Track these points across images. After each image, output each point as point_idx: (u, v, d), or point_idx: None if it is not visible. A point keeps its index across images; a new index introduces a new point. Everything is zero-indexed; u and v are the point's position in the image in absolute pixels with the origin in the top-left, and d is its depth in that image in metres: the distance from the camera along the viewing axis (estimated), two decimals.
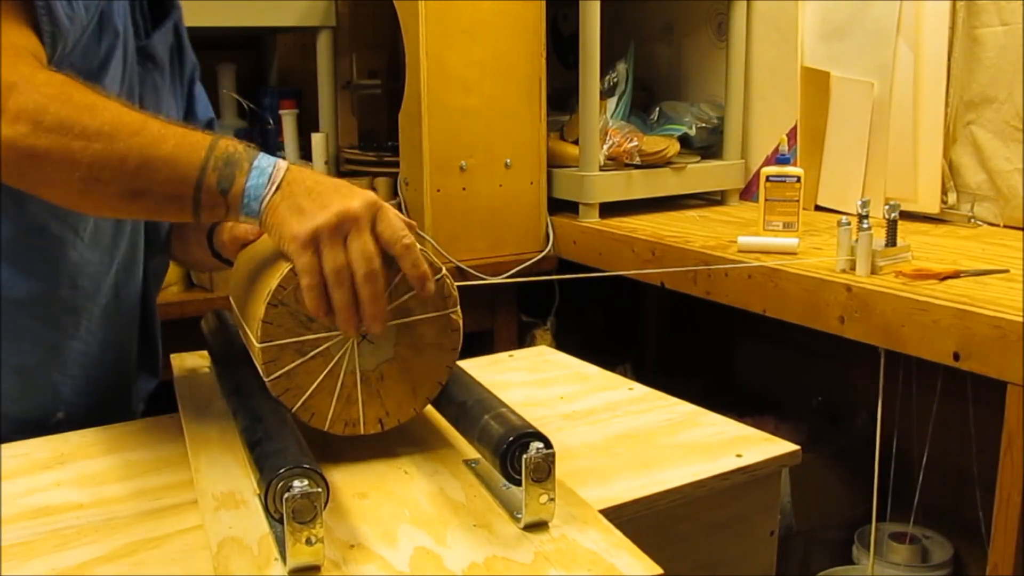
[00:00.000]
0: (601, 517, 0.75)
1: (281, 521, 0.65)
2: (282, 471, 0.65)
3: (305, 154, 2.16)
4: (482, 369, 1.09)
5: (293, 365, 0.80)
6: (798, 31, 2.16)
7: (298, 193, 0.77)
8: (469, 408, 0.81)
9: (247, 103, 2.27)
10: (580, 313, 2.46)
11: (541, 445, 0.71)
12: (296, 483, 0.64)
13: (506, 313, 2.13)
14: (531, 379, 1.13)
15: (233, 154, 0.78)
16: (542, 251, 2.11)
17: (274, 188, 0.78)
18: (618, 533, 0.72)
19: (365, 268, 0.75)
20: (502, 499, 0.77)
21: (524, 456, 0.71)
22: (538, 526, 0.72)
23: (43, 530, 0.74)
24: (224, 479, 0.79)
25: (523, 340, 2.16)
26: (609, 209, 2.10)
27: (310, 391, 0.81)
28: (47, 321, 0.98)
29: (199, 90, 1.19)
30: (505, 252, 2.07)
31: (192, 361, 1.11)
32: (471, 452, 0.85)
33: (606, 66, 2.16)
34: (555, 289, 2.22)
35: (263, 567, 0.66)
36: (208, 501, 0.75)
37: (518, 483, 0.72)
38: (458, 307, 0.84)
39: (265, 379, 0.80)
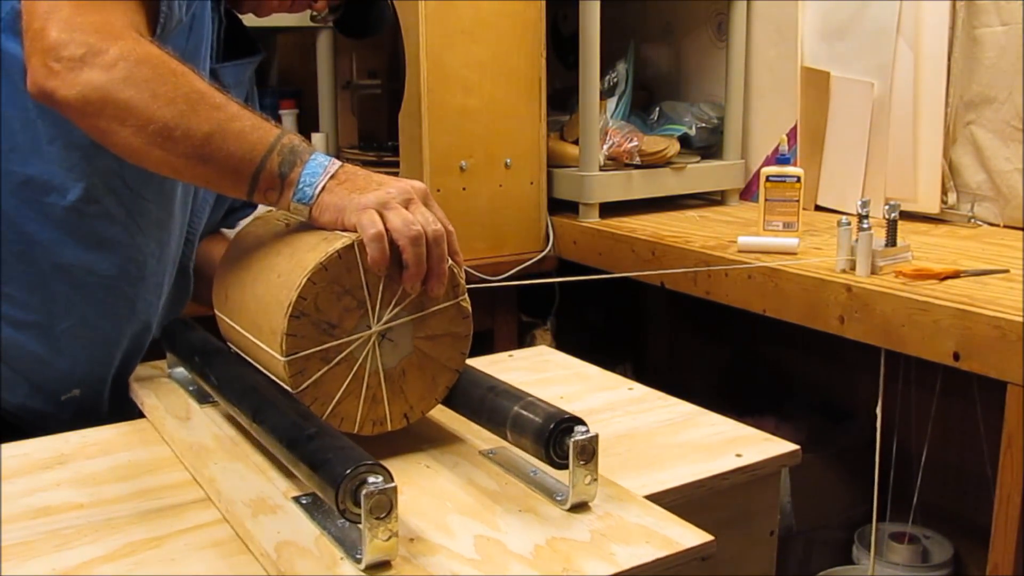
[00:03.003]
0: (636, 494, 0.78)
1: (347, 518, 0.65)
2: (353, 469, 0.65)
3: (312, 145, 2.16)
4: (482, 369, 1.09)
5: (320, 374, 0.80)
6: (798, 31, 2.16)
7: (355, 179, 0.83)
8: (493, 398, 0.83)
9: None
10: (580, 313, 2.46)
11: (584, 428, 0.75)
12: (371, 479, 0.64)
13: (506, 313, 2.13)
14: (531, 379, 1.13)
15: (298, 145, 0.84)
16: (542, 251, 2.11)
17: (328, 176, 0.83)
18: (659, 508, 0.75)
19: (434, 228, 0.80)
20: (534, 485, 0.79)
21: (570, 439, 0.74)
22: (581, 507, 0.75)
23: (43, 530, 0.74)
24: (246, 486, 0.78)
25: (523, 340, 2.16)
26: (609, 209, 2.10)
27: (338, 397, 0.81)
28: (85, 292, 1.00)
29: None
30: (505, 252, 2.07)
31: (145, 372, 1.09)
32: (481, 443, 0.87)
33: (606, 66, 2.16)
34: (555, 289, 2.22)
35: (331, 567, 0.66)
36: (241, 509, 0.74)
37: (561, 467, 0.75)
38: (466, 294, 0.86)
39: (293, 391, 0.79)
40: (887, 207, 1.56)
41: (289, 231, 0.87)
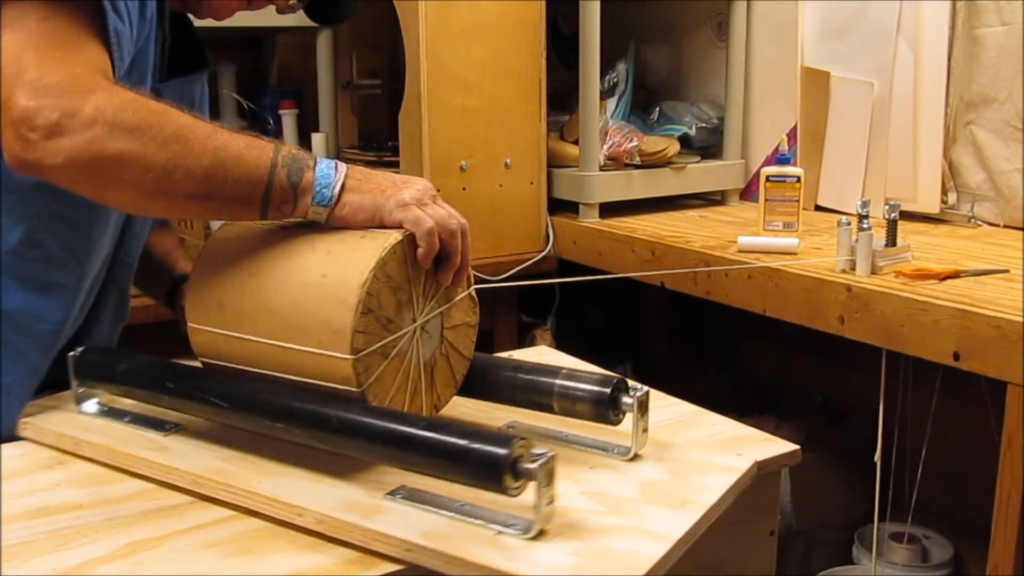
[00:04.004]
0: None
1: (508, 493, 0.68)
2: (512, 444, 0.68)
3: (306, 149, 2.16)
4: None
5: (380, 370, 0.80)
6: (798, 31, 2.16)
7: (371, 178, 0.84)
8: (527, 376, 0.89)
9: (247, 103, 2.27)
10: (580, 313, 2.46)
11: (637, 386, 0.85)
12: (536, 450, 0.69)
13: (506, 313, 2.13)
14: None
15: (297, 154, 0.84)
16: (542, 251, 2.11)
17: (343, 177, 0.83)
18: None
19: (461, 221, 0.84)
20: (580, 444, 0.88)
21: (633, 397, 0.83)
22: (636, 457, 0.83)
23: (43, 530, 0.74)
24: (322, 495, 0.77)
25: (523, 340, 2.16)
26: (609, 209, 2.10)
27: (392, 391, 0.82)
28: (33, 340, 0.96)
29: None
30: (505, 252, 2.07)
31: (32, 410, 0.96)
32: (493, 421, 0.92)
33: (606, 66, 2.16)
34: (555, 289, 2.22)
35: (495, 542, 0.70)
36: (348, 515, 0.73)
37: (616, 423, 0.84)
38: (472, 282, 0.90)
39: (357, 389, 0.79)
40: (887, 207, 1.55)
41: (297, 233, 0.85)
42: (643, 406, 0.84)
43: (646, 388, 0.85)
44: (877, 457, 1.65)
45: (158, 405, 0.91)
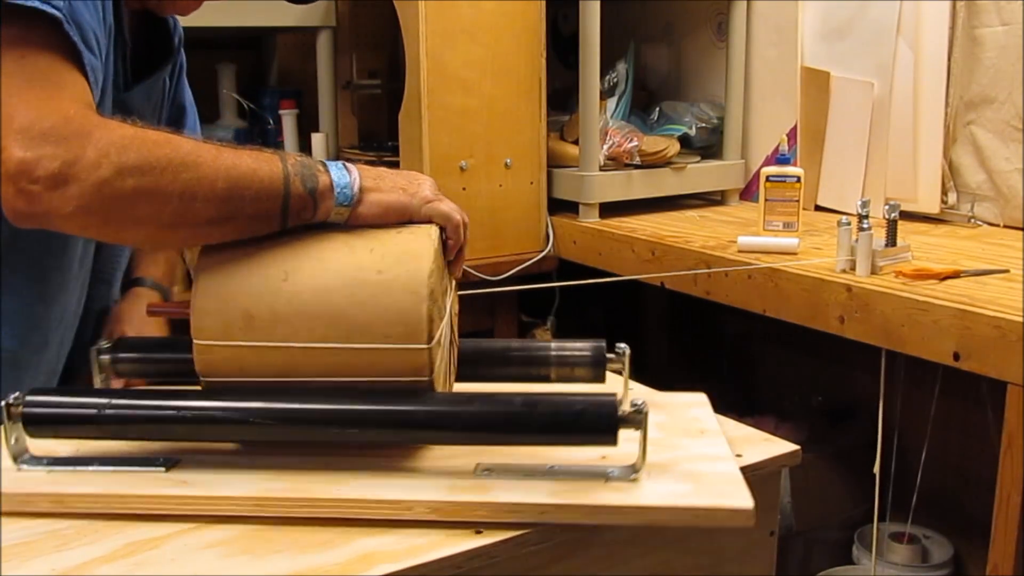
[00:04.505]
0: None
1: (614, 443, 0.75)
2: (611, 403, 0.76)
3: (305, 155, 2.16)
4: None
5: (439, 357, 0.83)
6: (798, 31, 2.16)
7: (383, 176, 0.85)
8: (520, 352, 0.95)
9: (247, 103, 2.27)
10: (580, 313, 2.46)
11: (622, 345, 0.93)
12: (626, 406, 0.75)
13: (506, 313, 2.13)
14: None
15: (303, 160, 0.82)
16: (542, 251, 2.11)
17: (359, 176, 0.83)
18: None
19: (465, 217, 0.87)
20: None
21: (624, 353, 0.92)
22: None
23: (43, 530, 0.74)
24: (411, 489, 0.76)
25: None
26: (609, 209, 2.10)
27: (442, 378, 0.85)
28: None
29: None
30: (505, 252, 2.07)
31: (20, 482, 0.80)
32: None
33: (606, 66, 2.16)
34: (555, 289, 2.22)
35: (614, 486, 0.76)
36: (464, 496, 0.75)
37: (603, 380, 0.92)
38: None
39: (428, 378, 0.80)
40: (887, 207, 1.56)
41: (312, 235, 0.83)
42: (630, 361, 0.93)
43: (626, 345, 0.93)
44: (876, 468, 1.65)
45: (155, 439, 0.83)
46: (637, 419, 0.75)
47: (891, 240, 1.55)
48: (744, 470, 0.87)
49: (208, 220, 0.78)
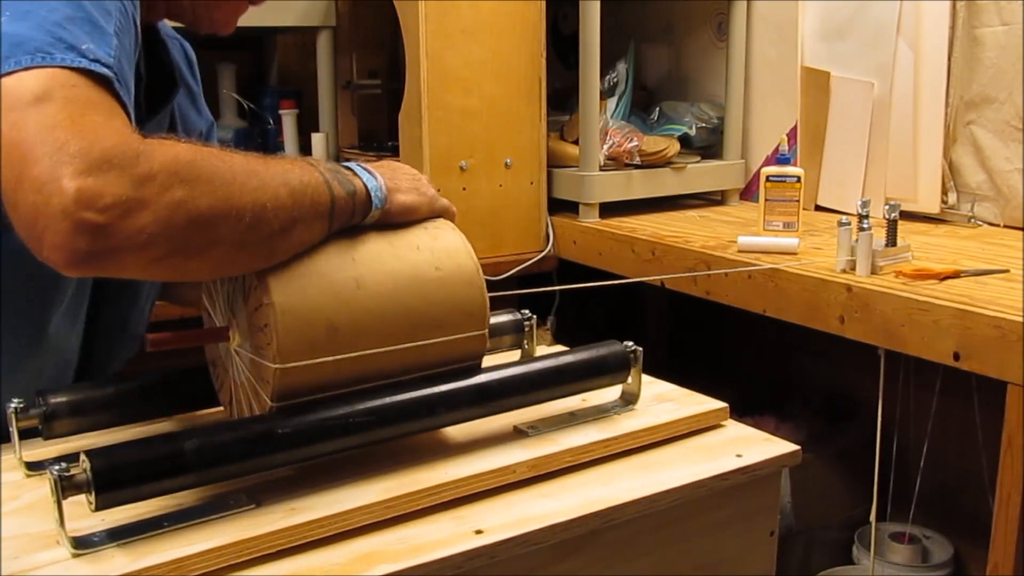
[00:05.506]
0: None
1: (626, 380, 0.96)
2: (620, 343, 0.95)
3: (305, 154, 2.16)
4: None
5: None
6: (798, 31, 2.16)
7: (397, 175, 0.88)
8: None
9: (247, 103, 2.27)
10: (580, 312, 2.46)
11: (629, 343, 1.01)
12: (625, 344, 0.95)
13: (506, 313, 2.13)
14: None
15: (331, 165, 0.81)
16: (542, 251, 2.11)
17: (381, 177, 0.83)
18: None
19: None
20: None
21: (547, 321, 1.04)
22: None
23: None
24: (490, 461, 0.82)
25: None
26: (609, 209, 2.10)
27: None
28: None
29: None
30: (505, 252, 2.07)
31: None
32: None
33: (606, 66, 2.16)
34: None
35: (619, 417, 0.93)
36: (538, 451, 0.83)
37: (521, 347, 1.10)
38: None
39: (485, 351, 0.88)
40: (887, 207, 1.56)
41: (348, 239, 0.82)
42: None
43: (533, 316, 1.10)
44: (876, 468, 1.65)
45: (249, 473, 0.74)
46: (637, 358, 0.95)
47: (891, 240, 1.55)
48: (744, 470, 0.87)
49: (274, 232, 0.73)
